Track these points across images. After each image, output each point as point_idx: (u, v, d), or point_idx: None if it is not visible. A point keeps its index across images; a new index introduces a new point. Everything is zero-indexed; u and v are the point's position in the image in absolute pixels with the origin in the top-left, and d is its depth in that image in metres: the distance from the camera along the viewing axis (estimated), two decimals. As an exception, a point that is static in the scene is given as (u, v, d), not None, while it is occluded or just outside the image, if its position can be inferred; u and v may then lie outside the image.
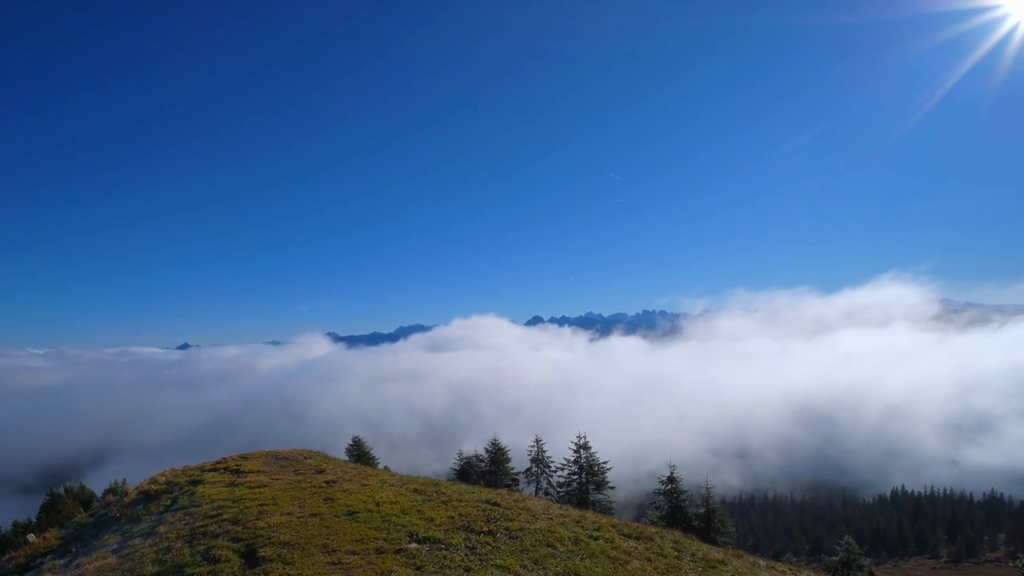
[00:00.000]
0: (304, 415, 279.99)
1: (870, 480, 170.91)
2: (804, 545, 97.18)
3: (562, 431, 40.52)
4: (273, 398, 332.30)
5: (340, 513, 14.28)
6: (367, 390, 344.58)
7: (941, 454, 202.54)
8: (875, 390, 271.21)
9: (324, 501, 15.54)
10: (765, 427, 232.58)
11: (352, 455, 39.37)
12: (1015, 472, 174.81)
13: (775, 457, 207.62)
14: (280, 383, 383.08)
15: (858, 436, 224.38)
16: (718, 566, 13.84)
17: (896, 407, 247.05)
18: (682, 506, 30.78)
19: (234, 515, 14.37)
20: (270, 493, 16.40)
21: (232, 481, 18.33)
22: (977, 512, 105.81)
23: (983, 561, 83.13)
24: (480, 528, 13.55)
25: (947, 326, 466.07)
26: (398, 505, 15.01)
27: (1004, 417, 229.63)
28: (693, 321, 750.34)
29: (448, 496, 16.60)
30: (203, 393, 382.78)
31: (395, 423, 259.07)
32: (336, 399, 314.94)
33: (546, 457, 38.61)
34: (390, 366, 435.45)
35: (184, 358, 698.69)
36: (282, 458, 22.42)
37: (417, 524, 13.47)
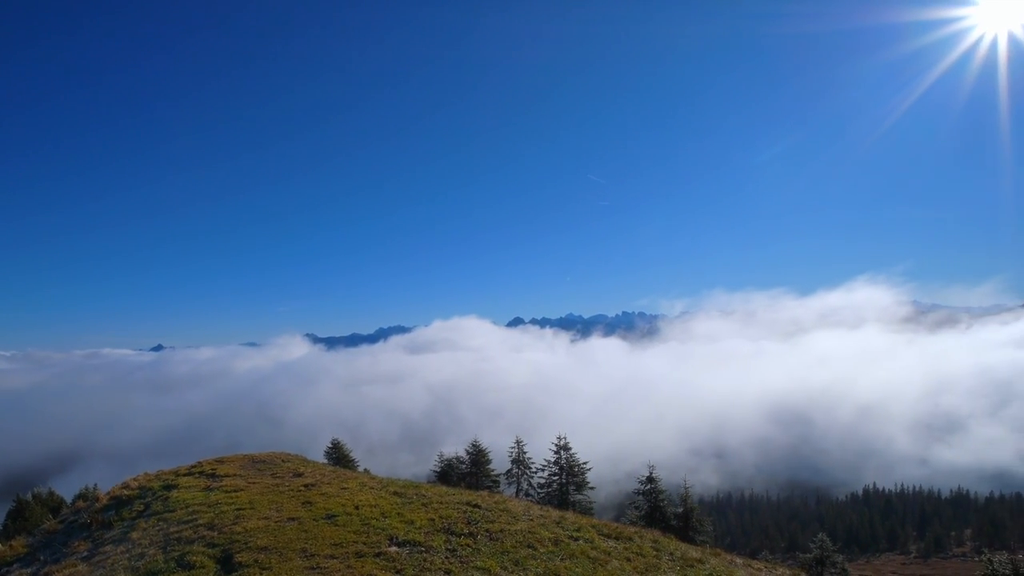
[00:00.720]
0: (281, 419, 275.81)
1: (843, 479, 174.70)
2: (780, 543, 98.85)
3: (543, 432, 40.66)
4: (249, 401, 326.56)
5: (319, 517, 14.13)
6: (346, 393, 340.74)
7: (912, 453, 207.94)
8: (849, 390, 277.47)
9: (302, 505, 15.36)
10: (742, 427, 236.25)
11: (331, 458, 38.93)
12: (982, 470, 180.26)
13: (752, 456, 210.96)
14: (256, 386, 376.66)
15: (832, 436, 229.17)
16: (696, 565, 14.02)
17: (869, 407, 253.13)
18: (661, 506, 31.07)
19: (210, 520, 14.12)
20: (247, 497, 16.16)
21: (208, 485, 18.01)
22: (945, 508, 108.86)
23: (950, 556, 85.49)
24: (461, 530, 13.53)
25: (917, 327, 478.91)
26: (378, 508, 14.91)
27: (972, 416, 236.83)
28: (671, 322, 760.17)
29: (428, 498, 16.54)
30: (177, 396, 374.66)
31: (374, 426, 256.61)
32: (314, 402, 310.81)
33: (527, 458, 38.67)
34: (369, 368, 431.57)
35: (158, 360, 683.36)
36: (259, 461, 22.09)
37: (397, 527, 13.39)
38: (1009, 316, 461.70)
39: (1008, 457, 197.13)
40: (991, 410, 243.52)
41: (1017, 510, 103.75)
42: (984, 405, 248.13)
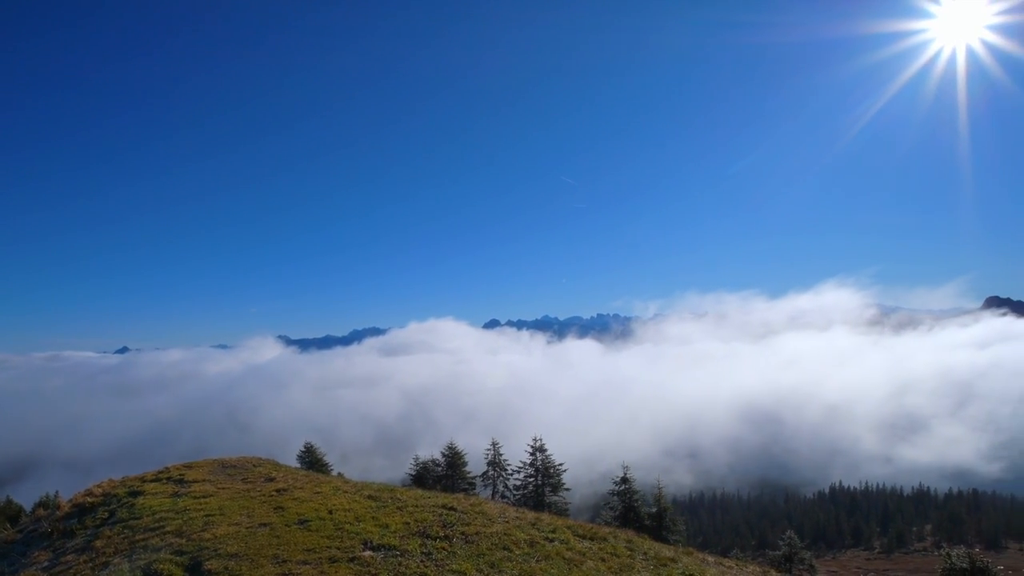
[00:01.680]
0: (251, 424, 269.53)
1: (812, 477, 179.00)
2: (750, 541, 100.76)
3: (519, 435, 40.71)
4: (218, 405, 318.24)
5: (291, 522, 13.91)
6: (318, 396, 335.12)
7: (877, 452, 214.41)
8: (817, 391, 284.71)
9: (274, 510, 15.10)
10: (715, 427, 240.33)
11: (304, 462, 38.30)
12: (943, 468, 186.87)
13: (724, 456, 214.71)
14: (225, 390, 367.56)
15: (801, 435, 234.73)
16: (669, 564, 14.22)
17: (836, 407, 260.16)
18: (635, 506, 31.38)
19: (177, 527, 13.78)
20: (216, 503, 15.82)
21: (175, 491, 17.57)
22: (907, 505, 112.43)
23: (912, 551, 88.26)
24: (436, 533, 13.47)
25: (882, 329, 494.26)
26: (352, 512, 14.74)
27: (934, 416, 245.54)
28: (645, 324, 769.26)
29: (404, 502, 16.42)
30: (142, 400, 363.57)
31: (348, 431, 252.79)
32: (285, 407, 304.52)
33: (503, 460, 38.63)
34: (343, 371, 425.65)
35: (122, 363, 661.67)
36: (230, 466, 21.63)
37: (372, 531, 13.27)
38: (969, 318, 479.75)
39: (967, 455, 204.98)
40: (952, 410, 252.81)
41: (974, 506, 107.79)
42: (945, 405, 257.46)
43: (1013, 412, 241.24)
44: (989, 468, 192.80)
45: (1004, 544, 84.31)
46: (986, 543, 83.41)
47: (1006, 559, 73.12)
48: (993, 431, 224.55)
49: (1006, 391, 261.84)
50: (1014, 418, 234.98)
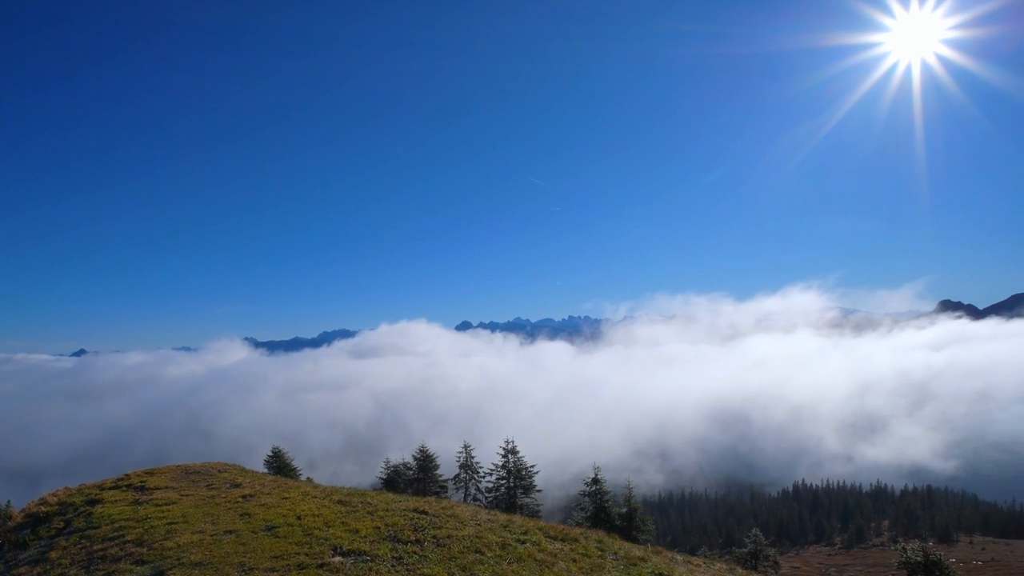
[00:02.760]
0: (213, 430, 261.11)
1: (777, 476, 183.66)
2: (718, 539, 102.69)
3: (491, 437, 40.71)
4: (179, 411, 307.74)
5: (258, 529, 13.62)
6: (286, 401, 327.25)
7: (839, 451, 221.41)
8: (782, 392, 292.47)
9: (240, 516, 14.75)
10: (684, 428, 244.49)
11: (272, 467, 37.50)
12: (900, 466, 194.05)
13: (694, 456, 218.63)
14: (188, 394, 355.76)
15: (767, 435, 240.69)
16: (639, 563, 14.41)
17: (801, 407, 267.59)
18: (606, 506, 31.71)
19: (138, 536, 13.34)
20: (179, 510, 15.37)
21: (136, 499, 17.00)
22: (865, 502, 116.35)
23: (870, 546, 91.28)
24: (407, 537, 13.37)
25: (843, 331, 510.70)
26: (321, 518, 14.51)
27: (893, 416, 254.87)
28: (616, 327, 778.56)
29: (374, 506, 16.25)
30: (98, 405, 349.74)
31: (316, 436, 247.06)
32: (250, 411, 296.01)
33: (475, 463, 38.56)
34: (311, 374, 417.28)
35: (78, 366, 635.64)
36: (193, 472, 21.04)
37: (341, 536, 13.09)
38: (925, 321, 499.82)
39: (924, 453, 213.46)
40: (909, 410, 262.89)
41: (928, 502, 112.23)
42: (903, 405, 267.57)
43: (967, 412, 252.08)
44: (944, 466, 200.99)
45: (956, 538, 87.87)
46: (939, 537, 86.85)
47: (957, 552, 76.23)
48: (948, 430, 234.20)
49: (960, 391, 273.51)
50: (967, 418, 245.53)
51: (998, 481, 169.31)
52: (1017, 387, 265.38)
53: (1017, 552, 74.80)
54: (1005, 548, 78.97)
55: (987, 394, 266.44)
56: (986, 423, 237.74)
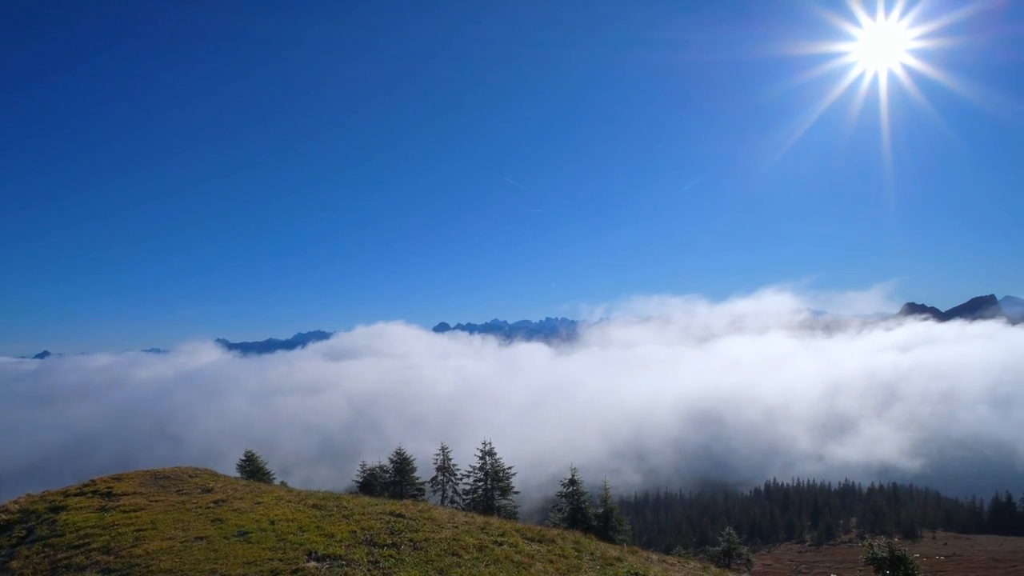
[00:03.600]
0: (182, 435, 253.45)
1: (751, 475, 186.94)
2: (692, 538, 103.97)
3: (469, 439, 40.65)
4: (146, 416, 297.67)
5: (230, 534, 13.36)
6: (258, 405, 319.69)
7: (810, 450, 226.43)
8: (756, 393, 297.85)
9: (212, 522, 14.46)
10: (660, 429, 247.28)
11: (245, 471, 36.80)
12: (869, 464, 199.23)
13: (670, 456, 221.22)
14: (156, 397, 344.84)
15: (741, 435, 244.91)
16: (615, 563, 14.55)
17: (773, 408, 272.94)
18: (582, 507, 31.91)
19: (104, 543, 12.97)
20: (148, 517, 14.98)
21: (103, 506, 16.50)
22: (834, 500, 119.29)
23: (839, 543, 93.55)
24: (383, 541, 13.27)
25: (814, 333, 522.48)
26: (295, 522, 14.31)
27: (862, 416, 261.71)
28: (592, 328, 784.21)
29: (350, 510, 16.08)
30: (61, 410, 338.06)
31: (289, 441, 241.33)
32: (220, 416, 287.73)
33: (452, 465, 38.44)
34: (285, 377, 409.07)
35: (41, 369, 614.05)
36: (163, 477, 20.53)
37: (316, 541, 12.92)
38: (893, 322, 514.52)
39: (891, 452, 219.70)
40: (877, 410, 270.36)
41: (894, 499, 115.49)
42: (872, 405, 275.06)
43: (932, 412, 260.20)
44: (911, 464, 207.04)
45: (920, 533, 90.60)
46: (904, 533, 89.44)
47: (921, 547, 78.63)
48: (915, 429, 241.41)
49: (926, 392, 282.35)
50: (933, 417, 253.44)
51: (961, 478, 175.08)
52: (980, 388, 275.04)
53: (977, 546, 77.47)
54: (966, 543, 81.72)
55: (951, 394, 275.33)
56: (950, 423, 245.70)
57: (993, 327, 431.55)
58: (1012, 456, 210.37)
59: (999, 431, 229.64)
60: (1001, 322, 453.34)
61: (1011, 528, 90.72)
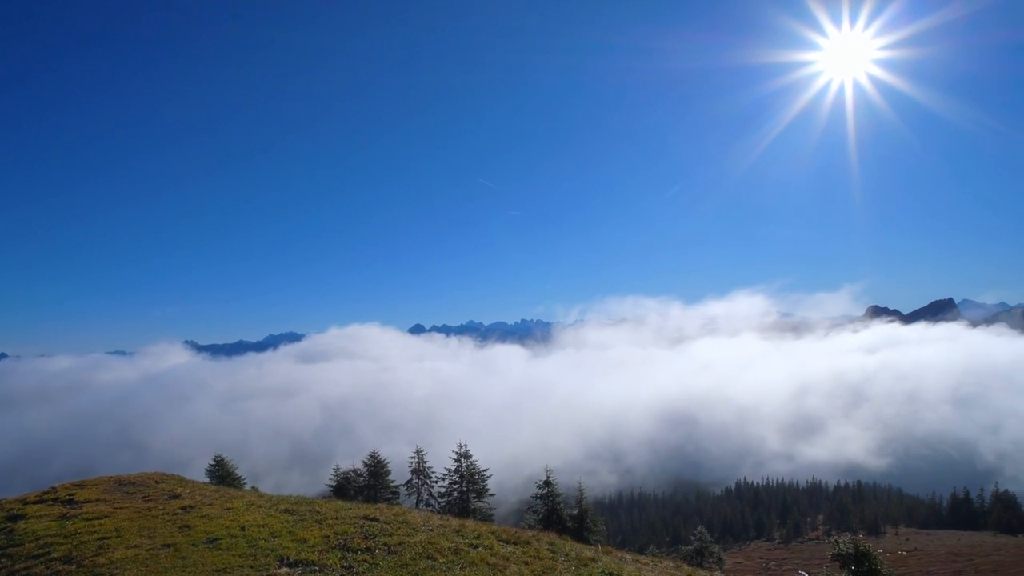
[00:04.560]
0: (145, 442, 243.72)
1: (723, 475, 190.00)
2: (665, 537, 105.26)
3: (444, 442, 40.46)
4: (108, 421, 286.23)
5: (199, 541, 13.06)
6: (226, 409, 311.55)
7: (780, 450, 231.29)
8: (728, 394, 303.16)
9: (180, 529, 14.11)
10: (635, 430, 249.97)
11: (214, 477, 35.96)
12: (836, 464, 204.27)
13: (644, 457, 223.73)
14: (118, 402, 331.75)
15: (713, 436, 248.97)
16: (589, 563, 14.67)
17: (745, 409, 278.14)
18: (557, 508, 32.06)
19: (66, 552, 12.54)
20: (112, 524, 14.54)
21: (64, 513, 15.95)
22: (802, 498, 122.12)
23: (807, 540, 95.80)
24: (357, 546, 13.15)
25: (783, 335, 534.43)
26: (267, 528, 14.07)
27: (830, 417, 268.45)
28: (567, 330, 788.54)
29: (323, 514, 15.88)
30: (17, 415, 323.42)
31: (259, 447, 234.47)
32: (187, 422, 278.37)
33: (427, 468, 38.23)
34: (255, 380, 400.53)
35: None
36: (128, 484, 19.94)
37: (288, 547, 12.73)
38: (859, 325, 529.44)
39: (858, 451, 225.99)
40: (845, 411, 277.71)
41: (858, 496, 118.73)
42: (839, 406, 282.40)
43: (897, 412, 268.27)
44: (878, 463, 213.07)
45: (883, 529, 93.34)
46: (868, 529, 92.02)
47: (884, 543, 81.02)
48: (880, 429, 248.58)
49: (891, 393, 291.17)
50: (898, 417, 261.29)
51: (924, 476, 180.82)
52: (942, 388, 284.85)
53: (937, 541, 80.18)
54: (927, 538, 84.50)
55: (915, 395, 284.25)
56: (914, 422, 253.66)
57: (955, 329, 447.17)
58: (973, 454, 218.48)
59: (961, 430, 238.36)
60: (962, 324, 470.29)
61: (968, 523, 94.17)
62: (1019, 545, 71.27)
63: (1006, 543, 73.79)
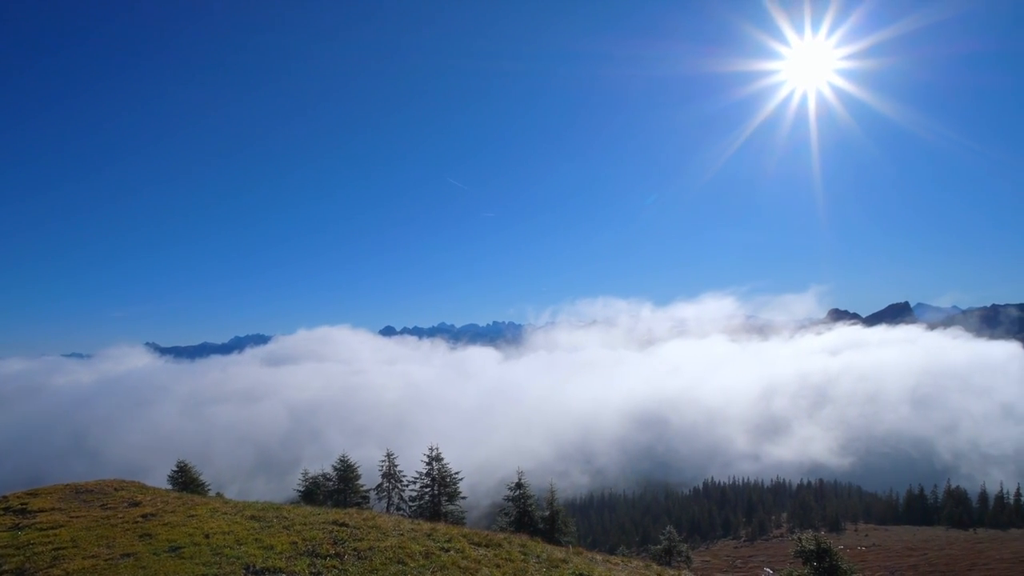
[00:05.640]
0: (100, 450, 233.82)
1: (692, 475, 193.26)
2: (635, 537, 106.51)
3: (416, 446, 40.08)
4: (61, 427, 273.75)
5: (160, 550, 12.68)
6: (189, 415, 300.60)
7: (747, 450, 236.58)
8: (697, 395, 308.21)
9: (140, 538, 13.67)
10: (606, 431, 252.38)
11: (177, 483, 34.86)
12: (801, 463, 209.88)
13: (616, 458, 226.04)
14: (74, 407, 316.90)
15: (683, 436, 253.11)
16: (560, 565, 14.78)
17: (714, 410, 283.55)
18: (529, 510, 32.13)
19: (18, 564, 12.03)
20: (68, 534, 13.99)
21: (16, 523, 15.27)
22: (767, 496, 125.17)
23: (771, 538, 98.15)
24: (326, 551, 12.97)
25: (750, 337, 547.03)
26: (232, 535, 13.75)
27: (795, 417, 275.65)
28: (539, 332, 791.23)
29: (291, 520, 15.60)
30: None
31: (223, 455, 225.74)
32: (146, 428, 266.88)
33: (398, 472, 37.84)
34: (220, 384, 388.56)
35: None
36: (85, 491, 19.22)
37: (255, 554, 12.47)
38: (823, 327, 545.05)
39: (821, 451, 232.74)
40: (809, 411, 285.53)
41: (820, 494, 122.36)
42: (804, 407, 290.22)
43: (859, 412, 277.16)
44: (840, 462, 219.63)
45: (844, 526, 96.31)
46: (829, 526, 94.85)
47: (845, 539, 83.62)
48: (843, 429, 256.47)
49: (853, 394, 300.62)
50: (860, 418, 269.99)
51: (885, 474, 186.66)
52: (902, 389, 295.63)
53: (894, 536, 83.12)
54: (885, 533, 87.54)
55: (876, 396, 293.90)
56: (875, 422, 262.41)
57: (915, 332, 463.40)
58: (931, 452, 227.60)
59: (919, 429, 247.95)
60: (921, 327, 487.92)
61: (923, 519, 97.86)
62: (969, 539, 74.45)
63: (957, 537, 77.01)
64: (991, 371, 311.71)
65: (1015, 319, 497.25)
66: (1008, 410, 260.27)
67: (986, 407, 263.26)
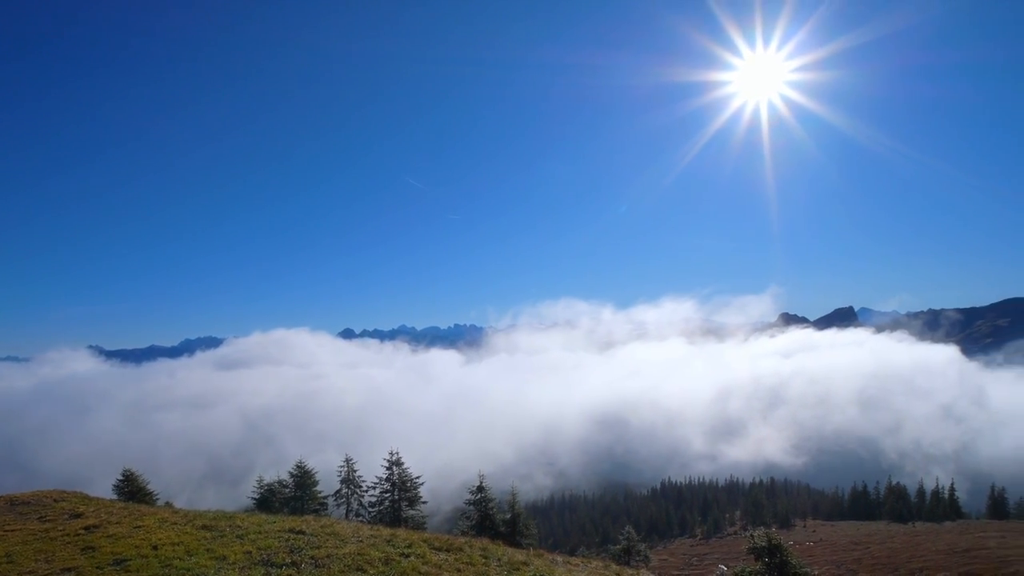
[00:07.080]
0: (35, 463, 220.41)
1: (651, 476, 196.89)
2: (595, 538, 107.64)
3: (376, 451, 39.45)
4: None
5: (104, 564, 12.13)
6: (134, 422, 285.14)
7: (704, 451, 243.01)
8: (656, 397, 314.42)
9: (82, 551, 13.04)
10: (568, 433, 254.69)
11: (122, 493, 33.23)
12: (755, 463, 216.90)
13: (577, 459, 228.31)
14: (8, 416, 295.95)
15: (642, 438, 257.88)
16: (521, 567, 14.84)
17: (672, 412, 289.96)
18: (491, 514, 32.08)
19: (-55, 584, 11.29)
20: (3, 549, 13.22)
21: (-59, 541, 14.31)
22: (721, 495, 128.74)
23: (726, 535, 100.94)
24: (282, 560, 12.66)
25: (707, 340, 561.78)
26: (182, 546, 13.26)
27: (750, 419, 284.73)
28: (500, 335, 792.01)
29: (244, 529, 15.16)
30: None
31: (172, 464, 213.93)
32: (87, 438, 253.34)
33: (357, 477, 37.19)
34: (167, 389, 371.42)
35: None
36: (21, 503, 18.16)
37: (206, 565, 12.06)
38: (775, 330, 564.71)
39: (775, 451, 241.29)
40: (763, 412, 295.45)
41: (771, 492, 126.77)
42: (758, 408, 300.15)
43: (811, 413, 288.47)
44: (794, 461, 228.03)
45: (793, 522, 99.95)
46: (780, 523, 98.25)
47: (794, 535, 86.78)
48: (796, 430, 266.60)
49: (805, 395, 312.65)
50: (812, 419, 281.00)
51: (835, 472, 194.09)
52: (850, 391, 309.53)
53: (840, 532, 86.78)
54: (831, 529, 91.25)
55: (826, 397, 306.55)
56: (825, 423, 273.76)
57: (863, 335, 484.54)
58: (877, 452, 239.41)
59: (866, 430, 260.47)
60: (869, 331, 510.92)
61: (866, 514, 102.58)
62: (908, 532, 78.47)
63: (898, 531, 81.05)
64: (932, 374, 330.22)
65: (955, 322, 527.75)
66: (947, 411, 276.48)
67: (927, 409, 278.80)
